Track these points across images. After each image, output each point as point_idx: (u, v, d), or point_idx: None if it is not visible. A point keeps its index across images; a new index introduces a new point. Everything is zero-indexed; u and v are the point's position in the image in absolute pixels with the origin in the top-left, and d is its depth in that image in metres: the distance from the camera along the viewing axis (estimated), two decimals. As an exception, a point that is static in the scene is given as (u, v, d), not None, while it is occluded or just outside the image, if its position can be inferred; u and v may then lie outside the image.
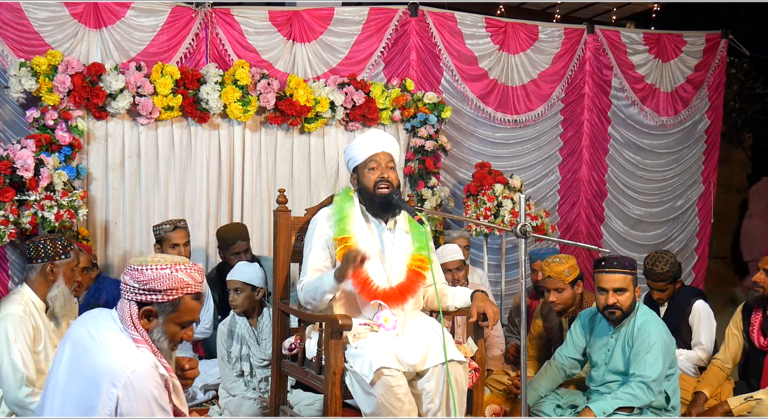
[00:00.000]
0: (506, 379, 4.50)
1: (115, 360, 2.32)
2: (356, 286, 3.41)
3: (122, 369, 2.30)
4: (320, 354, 3.37)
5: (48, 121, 4.87)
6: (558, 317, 4.55)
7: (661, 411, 3.84)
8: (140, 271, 2.41)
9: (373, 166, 3.51)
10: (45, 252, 3.56)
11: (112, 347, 2.36)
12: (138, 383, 2.30)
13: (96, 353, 2.36)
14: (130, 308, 2.42)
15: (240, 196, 5.64)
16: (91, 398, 2.30)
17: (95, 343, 2.38)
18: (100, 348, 2.36)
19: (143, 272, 2.41)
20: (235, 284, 4.27)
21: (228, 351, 4.34)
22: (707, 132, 7.53)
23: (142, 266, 2.42)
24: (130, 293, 2.42)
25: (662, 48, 7.22)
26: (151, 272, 2.40)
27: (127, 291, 2.43)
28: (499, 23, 6.60)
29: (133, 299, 2.42)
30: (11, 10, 5.03)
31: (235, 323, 4.35)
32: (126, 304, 2.43)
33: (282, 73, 5.72)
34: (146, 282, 2.40)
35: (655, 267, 4.59)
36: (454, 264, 4.89)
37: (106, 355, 2.34)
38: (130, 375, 2.29)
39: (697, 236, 7.58)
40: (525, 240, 3.02)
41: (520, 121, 6.73)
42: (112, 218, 5.27)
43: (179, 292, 2.44)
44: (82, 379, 2.35)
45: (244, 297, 4.26)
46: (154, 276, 2.40)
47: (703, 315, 4.66)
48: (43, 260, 3.56)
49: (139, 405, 2.29)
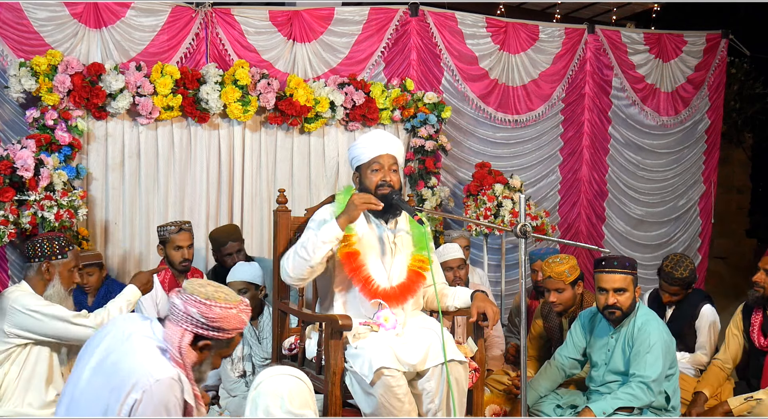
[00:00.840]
0: (506, 379, 4.50)
1: (141, 366, 2.36)
2: (357, 284, 3.41)
3: (146, 376, 2.34)
4: (320, 354, 3.37)
5: (48, 121, 4.87)
6: (558, 317, 4.55)
7: (661, 411, 3.84)
8: (209, 307, 2.44)
9: (377, 167, 3.51)
10: (42, 252, 3.55)
11: (141, 354, 2.40)
12: (158, 392, 2.33)
13: (124, 356, 2.40)
14: (184, 336, 2.45)
15: (240, 196, 5.63)
16: (110, 398, 2.34)
17: (125, 347, 2.43)
18: (129, 353, 2.41)
19: (212, 308, 2.44)
20: (239, 285, 4.26)
21: None
22: (707, 132, 7.53)
23: (211, 302, 2.44)
24: (190, 323, 2.44)
25: (662, 48, 7.22)
26: (221, 310, 2.45)
27: (188, 321, 2.44)
28: (499, 23, 6.60)
29: (191, 329, 2.45)
30: (11, 10, 5.03)
31: None
32: (179, 331, 2.45)
33: (282, 73, 5.72)
34: (215, 319, 2.44)
35: (674, 271, 4.56)
36: (455, 262, 4.91)
37: (133, 360, 2.38)
38: (152, 383, 2.33)
39: (699, 236, 7.59)
40: (525, 240, 3.02)
41: (520, 121, 6.73)
42: (112, 218, 5.27)
43: (237, 331, 2.51)
44: (105, 379, 2.38)
45: (250, 297, 4.24)
46: (223, 314, 2.45)
47: (710, 319, 4.65)
48: (39, 259, 3.56)
49: (154, 413, 2.33)
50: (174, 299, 2.47)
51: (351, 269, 3.40)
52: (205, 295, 2.44)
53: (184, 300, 2.44)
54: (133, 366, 2.36)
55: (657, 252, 7.37)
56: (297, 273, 3.39)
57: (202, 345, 2.47)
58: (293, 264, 3.39)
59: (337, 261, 3.47)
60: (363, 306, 3.46)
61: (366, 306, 3.45)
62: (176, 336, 2.44)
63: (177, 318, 2.45)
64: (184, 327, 2.44)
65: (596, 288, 3.94)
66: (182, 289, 2.48)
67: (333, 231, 3.32)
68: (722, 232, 8.95)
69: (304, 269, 3.36)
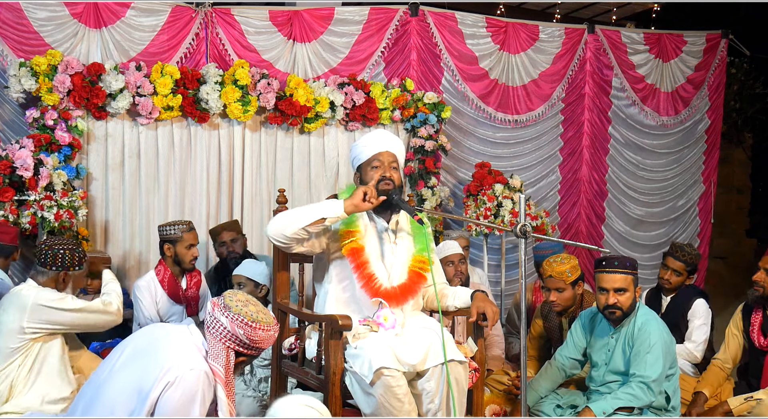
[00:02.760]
0: (506, 379, 4.50)
1: (179, 354, 2.50)
2: (360, 281, 3.40)
3: (182, 363, 2.47)
4: (320, 354, 3.37)
5: (48, 121, 4.87)
6: (558, 317, 4.55)
7: (662, 411, 3.84)
8: (254, 329, 2.58)
9: (376, 164, 3.50)
10: (62, 262, 3.60)
11: (179, 345, 2.54)
12: (190, 380, 2.46)
13: (163, 346, 2.53)
14: (228, 355, 2.58)
15: (240, 196, 5.64)
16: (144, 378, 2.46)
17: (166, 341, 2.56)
18: (168, 343, 2.55)
19: (257, 331, 2.59)
20: (239, 279, 4.31)
21: None
22: (707, 132, 7.53)
23: (256, 324, 2.59)
24: (233, 342, 2.58)
25: (662, 48, 7.22)
26: (263, 333, 2.61)
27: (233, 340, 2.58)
28: (499, 23, 6.60)
29: (234, 348, 2.58)
30: (11, 10, 5.03)
31: None
32: (223, 349, 2.57)
33: (282, 73, 5.72)
34: (257, 341, 2.60)
35: (685, 246, 4.78)
36: (456, 257, 4.92)
37: (172, 349, 2.52)
38: (186, 371, 2.46)
39: (698, 236, 7.59)
40: (525, 240, 3.02)
41: (520, 121, 6.73)
42: (112, 218, 5.27)
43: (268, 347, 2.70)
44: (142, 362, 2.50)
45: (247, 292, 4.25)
46: (264, 337, 2.62)
47: (701, 313, 4.69)
48: (58, 268, 3.60)
49: (180, 399, 2.44)
50: (219, 316, 2.56)
51: (357, 265, 3.40)
52: (251, 318, 2.58)
53: (231, 319, 2.55)
54: (171, 353, 2.49)
55: (656, 252, 7.36)
56: (282, 227, 3.34)
57: (238, 362, 2.62)
58: (285, 218, 3.37)
59: (337, 256, 3.47)
60: (363, 303, 3.46)
61: (366, 304, 3.44)
62: (222, 353, 2.56)
63: (220, 336, 2.57)
64: (228, 346, 2.57)
65: (597, 288, 3.94)
66: (226, 307, 2.57)
67: (336, 208, 3.33)
68: (722, 232, 8.95)
69: (290, 227, 3.31)
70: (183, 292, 4.69)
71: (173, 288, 4.60)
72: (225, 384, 2.56)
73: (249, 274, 4.27)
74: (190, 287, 4.73)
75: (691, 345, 4.66)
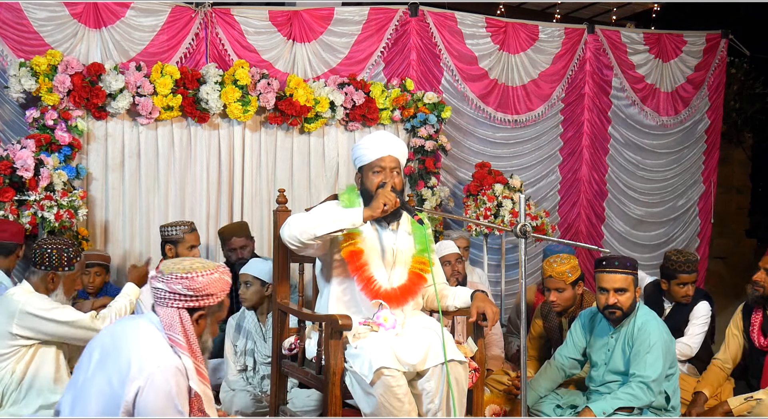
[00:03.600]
0: (506, 379, 4.50)
1: (145, 354, 2.40)
2: (360, 283, 3.40)
3: (149, 363, 2.38)
4: (320, 354, 3.37)
5: (48, 121, 4.87)
6: (558, 317, 4.55)
7: (661, 411, 3.84)
8: (192, 279, 2.47)
9: (378, 169, 3.50)
10: (50, 262, 3.50)
11: (144, 343, 2.44)
12: (160, 378, 2.37)
13: (128, 346, 2.43)
14: (181, 316, 2.48)
15: (240, 196, 5.64)
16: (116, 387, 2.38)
17: (128, 340, 2.46)
18: (133, 344, 2.44)
19: (195, 279, 2.47)
20: (246, 277, 4.31)
21: (234, 345, 4.36)
22: (707, 132, 7.53)
23: (192, 273, 2.48)
24: (180, 301, 2.47)
25: (662, 48, 7.22)
26: (204, 278, 2.48)
27: (177, 299, 2.47)
28: (499, 23, 6.60)
29: (183, 307, 2.48)
30: (11, 10, 5.03)
31: (244, 317, 4.38)
32: (174, 312, 2.48)
33: (282, 73, 5.72)
34: (202, 289, 2.48)
35: (689, 256, 4.61)
36: (453, 257, 4.92)
37: (138, 350, 2.42)
38: (155, 369, 2.37)
39: (698, 236, 7.59)
40: (525, 240, 3.02)
41: (520, 121, 6.73)
42: (112, 218, 5.27)
43: (224, 293, 2.56)
44: (111, 369, 2.41)
45: (253, 291, 4.28)
46: (207, 282, 2.49)
47: (702, 314, 4.67)
48: (46, 268, 3.51)
49: (156, 399, 2.36)
50: (156, 284, 2.49)
51: (354, 267, 3.40)
52: (185, 270, 2.48)
53: (166, 280, 2.47)
54: (137, 355, 2.40)
55: (656, 252, 7.37)
56: (298, 232, 3.32)
57: (197, 317, 2.51)
58: (301, 223, 3.34)
59: (338, 258, 3.47)
60: (363, 305, 3.46)
61: (366, 306, 3.45)
62: (174, 318, 2.47)
63: (165, 301, 2.48)
64: (176, 307, 2.48)
65: (597, 288, 3.94)
66: (159, 273, 2.50)
67: (355, 218, 3.31)
68: (722, 232, 8.94)
69: (306, 233, 3.30)
70: (183, 293, 4.69)
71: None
72: (189, 351, 2.47)
73: (255, 273, 4.28)
74: (190, 287, 4.73)
75: (685, 339, 4.64)
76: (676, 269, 4.61)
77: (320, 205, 3.63)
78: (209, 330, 2.58)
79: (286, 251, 3.72)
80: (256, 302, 4.31)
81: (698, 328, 4.66)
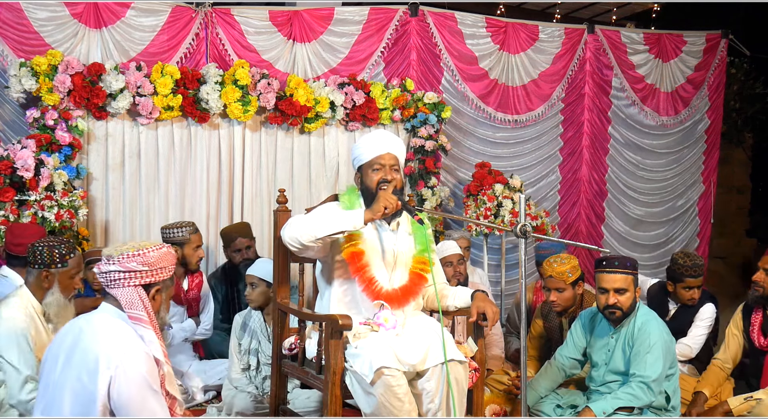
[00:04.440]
0: (506, 379, 4.50)
1: (109, 343, 2.42)
2: (361, 284, 3.41)
3: (116, 351, 2.40)
4: (320, 354, 3.37)
5: (48, 121, 4.88)
6: (558, 317, 4.55)
7: (661, 411, 3.84)
8: (144, 255, 2.55)
9: (377, 167, 3.50)
10: (41, 259, 3.47)
11: (106, 332, 2.46)
12: (130, 364, 2.40)
13: (90, 340, 2.45)
14: (138, 293, 2.54)
15: (240, 196, 5.64)
16: (87, 383, 2.39)
17: (89, 334, 2.47)
18: (93, 336, 2.45)
19: (147, 254, 2.56)
20: (252, 279, 4.31)
21: (239, 343, 4.37)
22: (707, 132, 7.53)
23: (143, 250, 2.55)
24: (136, 278, 2.54)
25: (662, 48, 7.22)
26: (155, 252, 2.58)
27: (133, 277, 2.53)
28: (499, 23, 6.60)
29: (139, 284, 2.55)
30: (11, 10, 5.03)
31: (250, 316, 4.39)
32: (132, 291, 2.54)
33: (282, 73, 5.72)
34: (155, 262, 2.57)
35: (697, 261, 4.59)
36: (455, 258, 4.92)
37: (100, 340, 2.44)
38: (122, 357, 2.40)
39: (698, 236, 7.59)
40: (525, 240, 3.02)
41: (520, 121, 6.73)
42: (112, 218, 5.27)
43: (173, 268, 2.68)
44: (79, 366, 2.42)
45: (259, 292, 4.29)
46: (158, 255, 2.58)
47: (706, 316, 4.67)
48: (39, 267, 3.48)
49: (130, 386, 2.39)
50: (108, 268, 2.53)
51: (356, 269, 3.40)
52: (135, 248, 2.56)
53: (119, 261, 2.52)
54: (103, 348, 2.41)
55: (656, 252, 7.37)
56: (299, 233, 3.32)
57: (154, 293, 2.58)
58: (302, 225, 3.34)
59: (339, 259, 3.47)
60: (364, 305, 3.46)
61: (367, 306, 3.45)
62: (133, 296, 2.54)
63: (121, 282, 2.53)
64: (133, 285, 2.54)
65: (597, 288, 3.94)
66: (107, 257, 2.54)
67: (356, 220, 3.31)
68: (722, 232, 8.94)
69: (307, 235, 3.29)
70: (184, 294, 4.70)
71: (175, 290, 4.61)
72: (152, 325, 2.53)
73: (261, 274, 4.28)
74: (191, 288, 4.74)
75: (686, 340, 4.64)
76: (683, 273, 4.61)
77: (321, 207, 3.63)
78: (164, 306, 2.66)
79: (286, 251, 3.72)
80: (262, 303, 4.31)
81: (701, 330, 4.65)
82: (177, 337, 4.64)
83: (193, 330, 4.75)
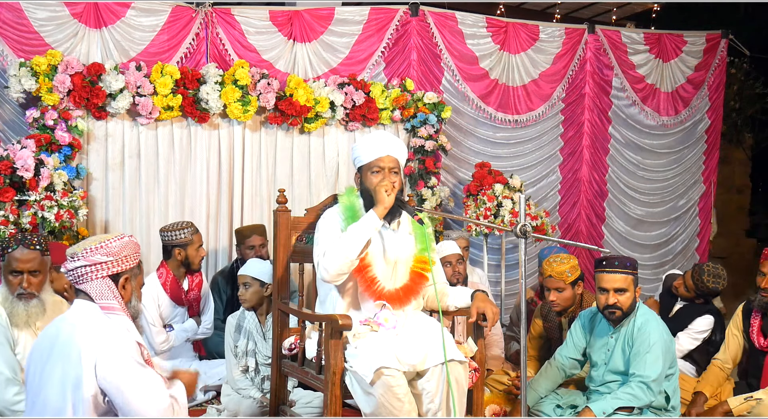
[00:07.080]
0: (506, 379, 4.50)
1: (86, 333, 2.45)
2: (362, 285, 3.41)
3: (95, 338, 2.43)
4: (320, 354, 3.37)
5: (48, 121, 4.88)
6: (558, 317, 4.55)
7: (661, 411, 3.84)
8: (107, 246, 2.58)
9: (377, 169, 3.50)
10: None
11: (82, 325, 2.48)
12: (112, 346, 2.43)
13: (68, 335, 2.47)
14: (107, 284, 2.57)
15: (240, 196, 5.64)
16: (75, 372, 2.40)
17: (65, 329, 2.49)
18: (71, 330, 2.47)
19: (110, 245, 2.59)
20: (245, 278, 4.30)
21: (235, 345, 4.36)
22: (707, 132, 7.53)
23: (105, 241, 2.59)
24: (102, 271, 2.57)
25: (663, 48, 7.22)
26: (118, 242, 2.61)
27: (100, 269, 2.56)
28: (499, 23, 6.60)
29: (106, 275, 2.57)
30: (11, 10, 5.03)
31: (244, 318, 4.37)
32: (100, 282, 2.56)
33: (282, 73, 5.72)
34: (119, 251, 2.60)
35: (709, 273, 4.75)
36: (454, 258, 4.92)
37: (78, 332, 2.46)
38: (103, 341, 2.43)
39: (698, 236, 7.59)
40: (525, 240, 3.02)
41: (520, 121, 6.73)
42: (112, 218, 5.27)
43: (138, 257, 2.71)
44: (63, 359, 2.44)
45: (253, 292, 4.28)
46: (121, 245, 2.62)
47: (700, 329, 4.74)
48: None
49: (117, 365, 2.41)
50: (73, 265, 2.56)
51: (357, 269, 3.40)
52: (96, 241, 2.59)
53: (83, 256, 2.55)
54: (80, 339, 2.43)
55: (657, 252, 7.37)
56: (339, 269, 3.33)
57: (123, 282, 2.61)
58: (334, 262, 3.33)
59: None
60: (364, 306, 3.46)
61: (367, 307, 3.45)
62: (102, 287, 2.56)
63: (88, 276, 2.56)
64: (101, 276, 2.56)
65: (597, 287, 3.94)
66: (73, 255, 2.57)
67: (372, 221, 3.34)
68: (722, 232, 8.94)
69: (345, 264, 3.33)
70: (185, 294, 4.69)
71: (175, 290, 4.61)
72: (125, 312, 2.57)
73: (254, 274, 4.27)
74: (192, 288, 4.73)
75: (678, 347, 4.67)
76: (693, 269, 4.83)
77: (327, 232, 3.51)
78: (135, 295, 2.67)
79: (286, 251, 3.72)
80: (256, 303, 4.30)
81: (687, 341, 4.73)
82: (179, 338, 4.63)
83: (194, 330, 4.75)
